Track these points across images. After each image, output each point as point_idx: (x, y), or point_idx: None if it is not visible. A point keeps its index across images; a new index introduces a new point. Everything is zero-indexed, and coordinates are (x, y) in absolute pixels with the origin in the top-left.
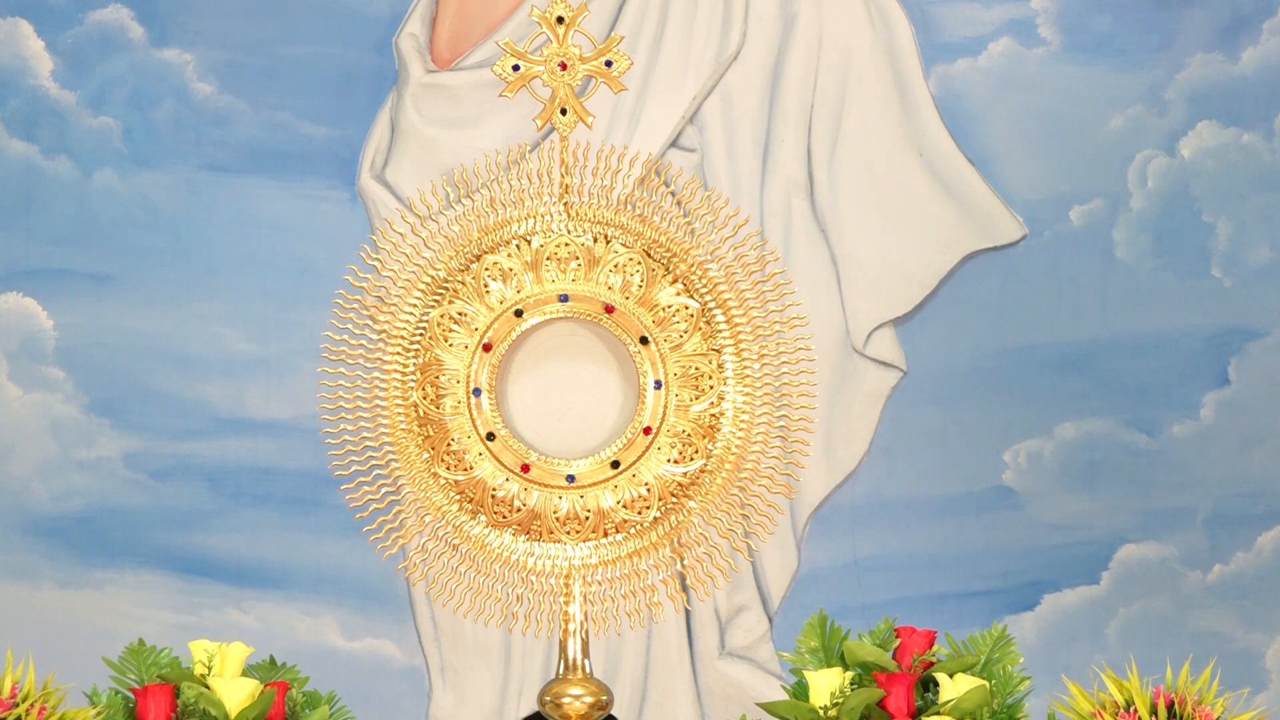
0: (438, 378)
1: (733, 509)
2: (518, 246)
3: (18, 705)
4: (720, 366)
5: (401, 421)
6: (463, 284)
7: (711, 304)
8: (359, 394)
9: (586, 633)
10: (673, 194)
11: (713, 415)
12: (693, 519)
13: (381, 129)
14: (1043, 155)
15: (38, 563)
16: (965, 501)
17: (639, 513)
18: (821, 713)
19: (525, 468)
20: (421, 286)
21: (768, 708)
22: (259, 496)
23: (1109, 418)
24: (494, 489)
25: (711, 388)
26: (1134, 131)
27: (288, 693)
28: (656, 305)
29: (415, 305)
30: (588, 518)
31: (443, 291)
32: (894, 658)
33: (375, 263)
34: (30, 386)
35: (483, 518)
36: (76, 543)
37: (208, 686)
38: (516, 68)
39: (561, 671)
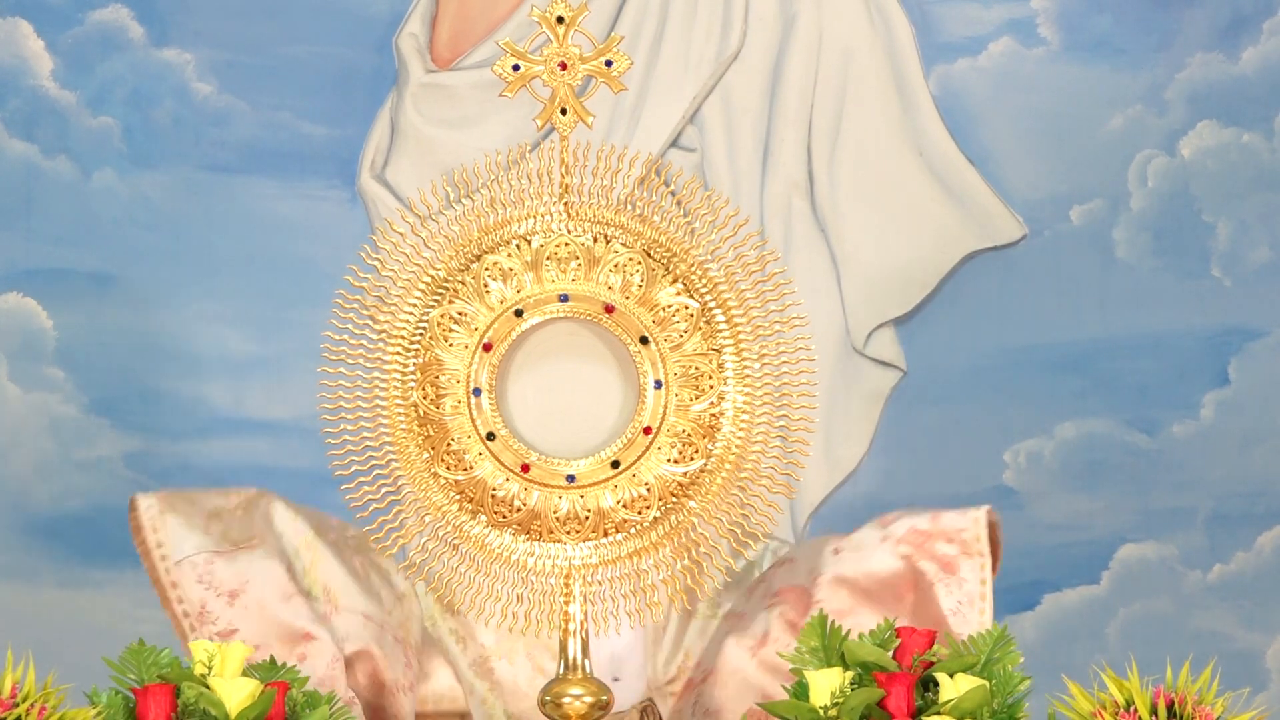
0: (438, 378)
1: (733, 509)
2: (518, 246)
3: (18, 705)
4: (720, 366)
5: (401, 421)
6: (463, 284)
7: (711, 304)
8: (359, 394)
9: (586, 633)
10: (673, 194)
11: (713, 415)
12: (693, 519)
13: (381, 129)
14: (1042, 155)
15: (37, 562)
16: (965, 501)
17: (639, 512)
18: (822, 712)
19: (525, 467)
20: (421, 286)
21: (768, 707)
22: None
23: (1109, 417)
24: (494, 489)
25: (711, 387)
26: (1134, 131)
27: (288, 693)
28: (656, 305)
29: (415, 305)
30: (588, 517)
31: (443, 291)
32: (894, 658)
33: (375, 262)
34: (30, 386)
35: (483, 517)
36: (76, 542)
37: (208, 686)
38: (516, 67)
39: (562, 671)
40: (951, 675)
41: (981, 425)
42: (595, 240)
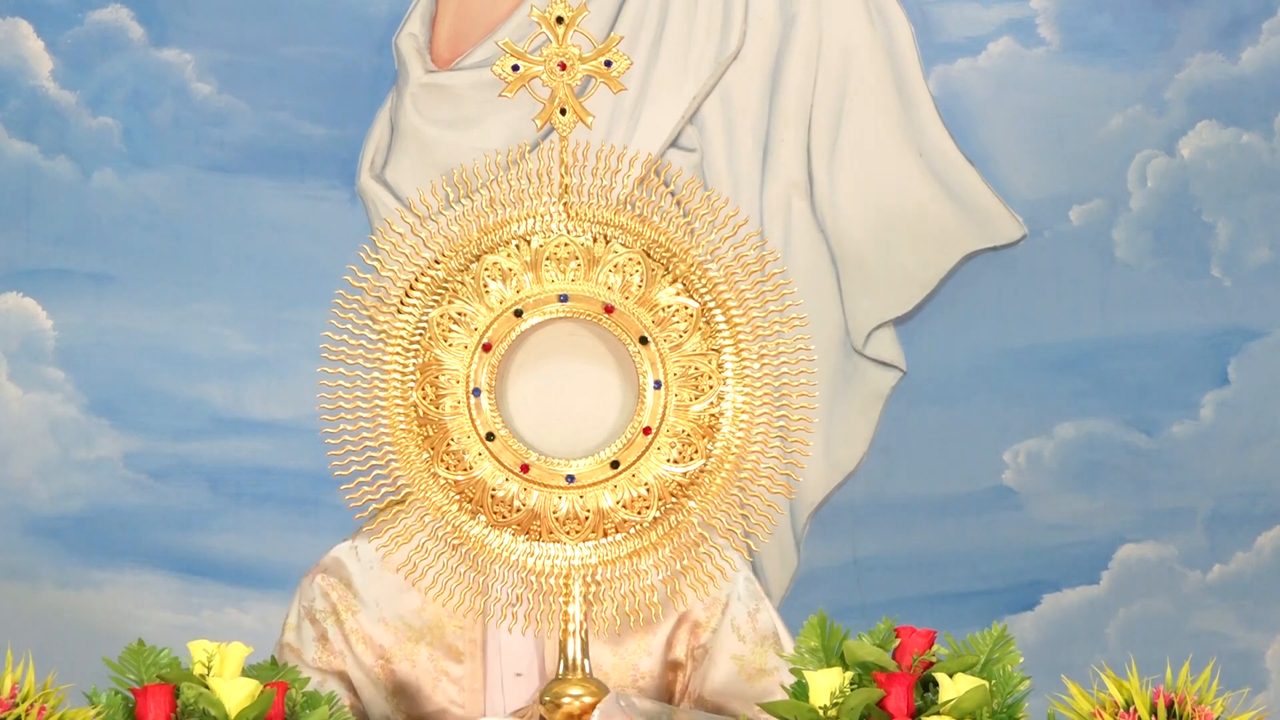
0: (437, 378)
1: (732, 509)
2: (517, 247)
3: (17, 705)
4: (720, 366)
5: (401, 422)
6: (462, 284)
7: (711, 304)
8: (358, 394)
9: (586, 633)
10: (672, 194)
11: (712, 415)
12: (692, 519)
13: (381, 129)
14: (1042, 155)
15: (37, 563)
16: (965, 501)
17: (639, 513)
18: (821, 713)
19: (525, 468)
20: (421, 287)
21: (768, 707)
22: (259, 496)
23: (1108, 417)
24: (493, 489)
25: (711, 388)
26: (1134, 131)
27: (287, 693)
28: (656, 305)
29: (415, 305)
30: (587, 518)
31: (442, 292)
32: (894, 658)
33: (375, 263)
34: (30, 386)
35: (482, 518)
36: (76, 543)
37: (207, 687)
38: (516, 68)
39: (561, 671)
40: (951, 675)
41: (981, 425)
42: (595, 240)
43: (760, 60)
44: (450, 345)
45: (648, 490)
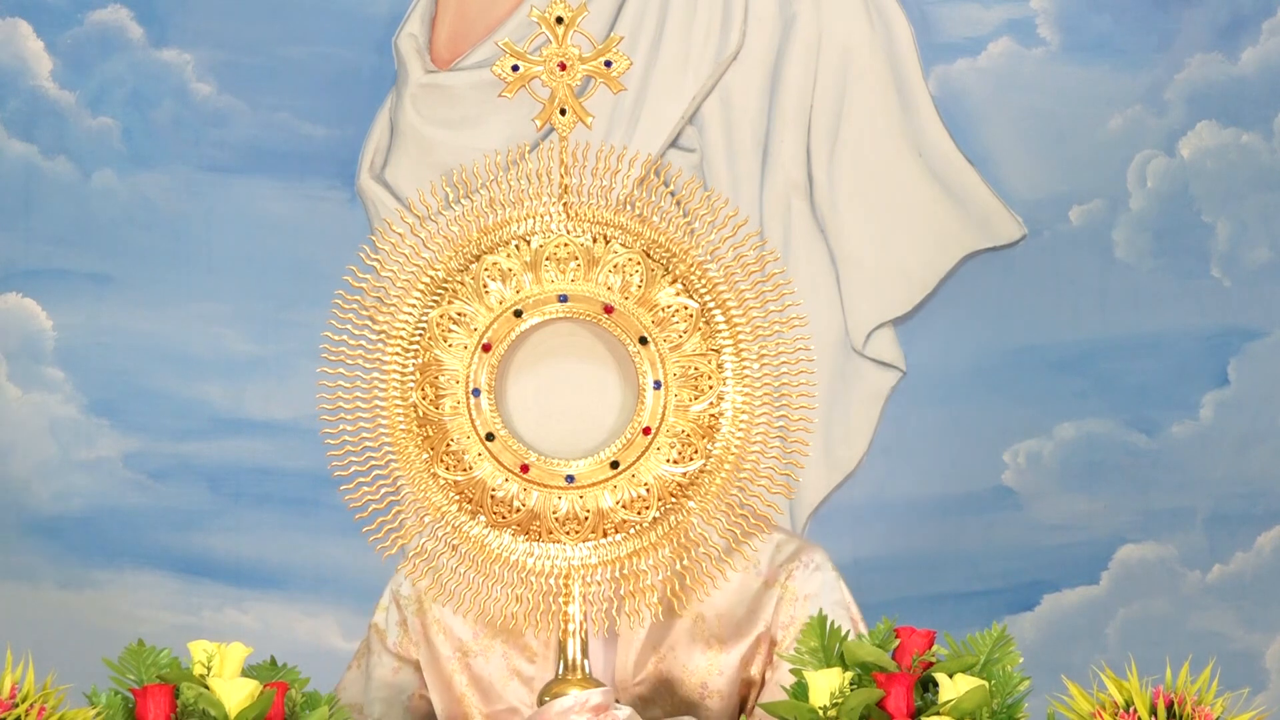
0: (437, 378)
1: (732, 509)
2: (517, 247)
3: (17, 705)
4: (720, 366)
5: (401, 422)
6: (462, 284)
7: (711, 304)
8: (358, 394)
9: (585, 633)
10: (672, 194)
11: (712, 415)
12: (692, 519)
13: (381, 129)
14: (1042, 155)
15: (37, 563)
16: (965, 501)
17: (638, 513)
18: (821, 713)
19: (524, 468)
20: (421, 287)
21: (767, 708)
22: (259, 497)
23: (1108, 418)
24: (493, 489)
25: (711, 388)
26: (1133, 131)
27: (287, 693)
28: (656, 305)
29: (414, 305)
30: (587, 518)
31: (442, 292)
32: (893, 658)
33: (374, 263)
34: (29, 387)
35: (482, 518)
36: (76, 543)
37: (207, 687)
38: (515, 68)
39: (561, 672)
40: (951, 675)
41: (981, 425)
42: (595, 241)
43: (760, 60)
44: (450, 345)
45: (647, 490)
